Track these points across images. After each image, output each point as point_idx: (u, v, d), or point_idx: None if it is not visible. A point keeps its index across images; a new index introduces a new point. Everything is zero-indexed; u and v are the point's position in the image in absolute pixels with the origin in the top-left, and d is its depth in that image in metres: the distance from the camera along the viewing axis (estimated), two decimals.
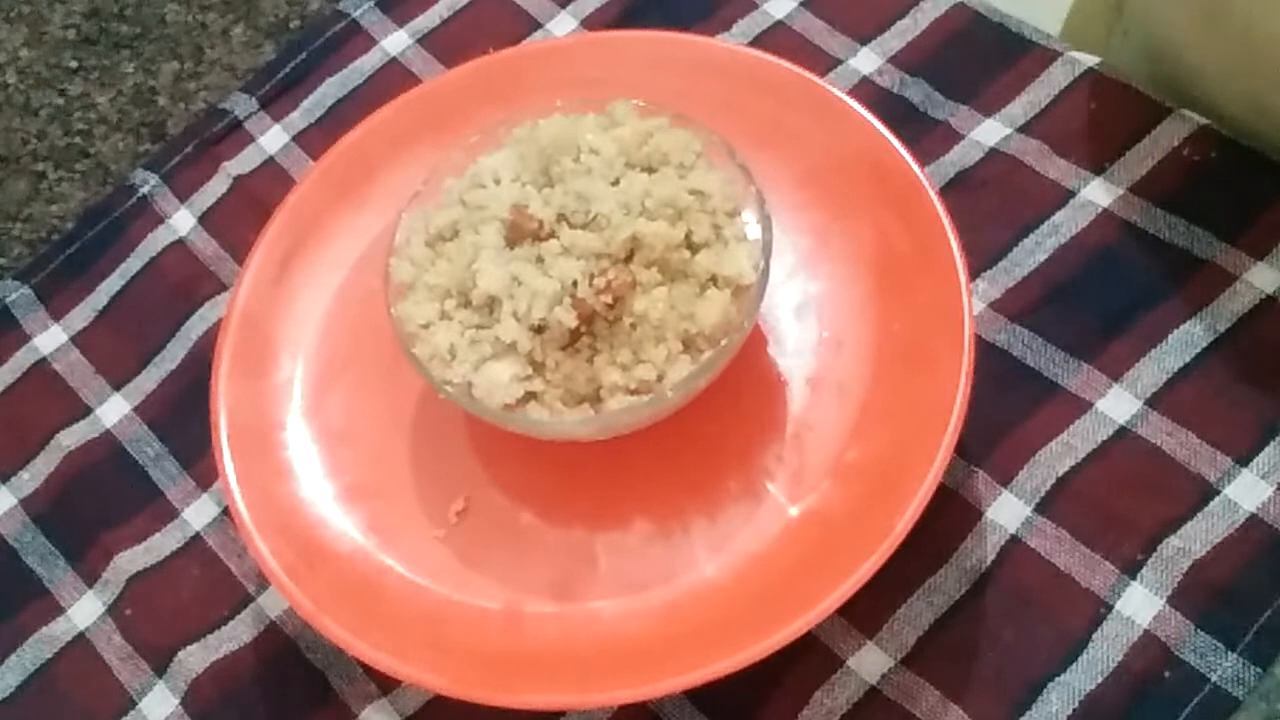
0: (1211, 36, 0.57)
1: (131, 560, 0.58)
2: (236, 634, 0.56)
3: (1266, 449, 0.51)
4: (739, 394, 0.53)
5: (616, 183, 0.51)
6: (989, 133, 0.61)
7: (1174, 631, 0.49)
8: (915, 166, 0.54)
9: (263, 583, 0.56)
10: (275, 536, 0.52)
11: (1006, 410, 0.54)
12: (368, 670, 0.53)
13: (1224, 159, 0.58)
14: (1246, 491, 0.51)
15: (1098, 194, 0.58)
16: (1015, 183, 0.59)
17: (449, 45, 0.69)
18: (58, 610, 0.58)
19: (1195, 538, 0.50)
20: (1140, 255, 0.57)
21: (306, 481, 0.54)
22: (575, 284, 0.48)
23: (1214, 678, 0.48)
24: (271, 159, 0.68)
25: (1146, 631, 0.49)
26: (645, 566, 0.51)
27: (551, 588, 0.51)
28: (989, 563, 0.51)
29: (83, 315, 0.66)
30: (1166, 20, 0.60)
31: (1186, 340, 0.54)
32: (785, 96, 0.58)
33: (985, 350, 0.55)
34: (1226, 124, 0.58)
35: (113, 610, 0.57)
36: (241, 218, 0.65)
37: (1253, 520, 0.50)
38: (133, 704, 0.55)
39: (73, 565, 0.59)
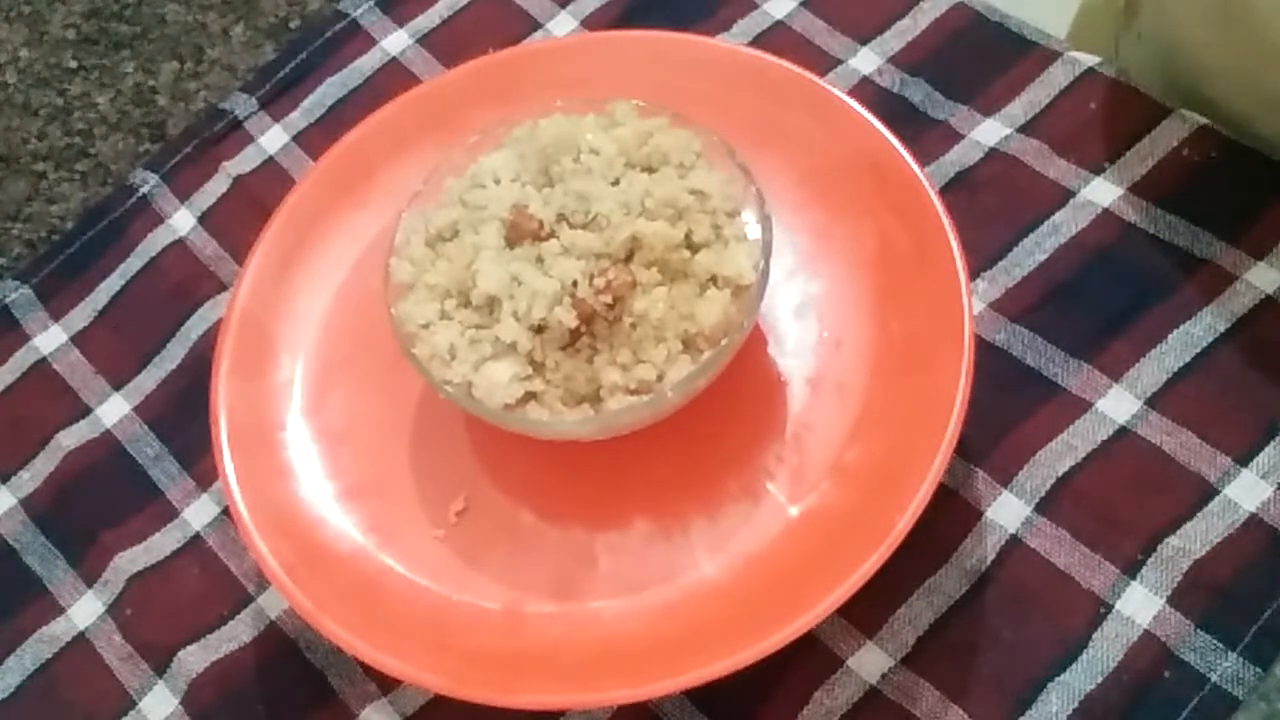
0: (1228, 37, 0.57)
1: (131, 560, 0.58)
2: (236, 634, 0.56)
3: (1266, 449, 0.51)
4: (739, 394, 0.53)
5: (616, 183, 0.51)
6: (989, 133, 0.61)
7: (1174, 631, 0.49)
8: (915, 166, 0.54)
9: (263, 583, 0.56)
10: (275, 536, 0.52)
11: (1006, 410, 0.54)
12: (368, 670, 0.53)
13: (1224, 159, 0.58)
14: (1246, 491, 0.51)
15: (1098, 194, 0.58)
16: (1015, 183, 0.59)
17: (449, 45, 0.69)
18: (58, 610, 0.58)
19: (1195, 538, 0.50)
20: (1140, 255, 0.57)
21: (306, 481, 0.54)
22: (575, 284, 0.48)
23: (1214, 678, 0.48)
24: (271, 159, 0.68)
25: (1146, 631, 0.49)
26: (645, 566, 0.51)
27: (551, 588, 0.51)
28: (989, 563, 0.51)
29: (83, 315, 0.66)
30: (1182, 22, 0.60)
31: (1186, 340, 0.54)
32: (785, 96, 0.58)
33: (985, 350, 0.55)
34: (1240, 125, 0.58)
35: (113, 610, 0.57)
36: (241, 218, 0.65)
37: (1253, 520, 0.50)
38: (133, 704, 0.55)
39: (73, 565, 0.59)
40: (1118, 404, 0.53)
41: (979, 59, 0.63)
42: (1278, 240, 0.55)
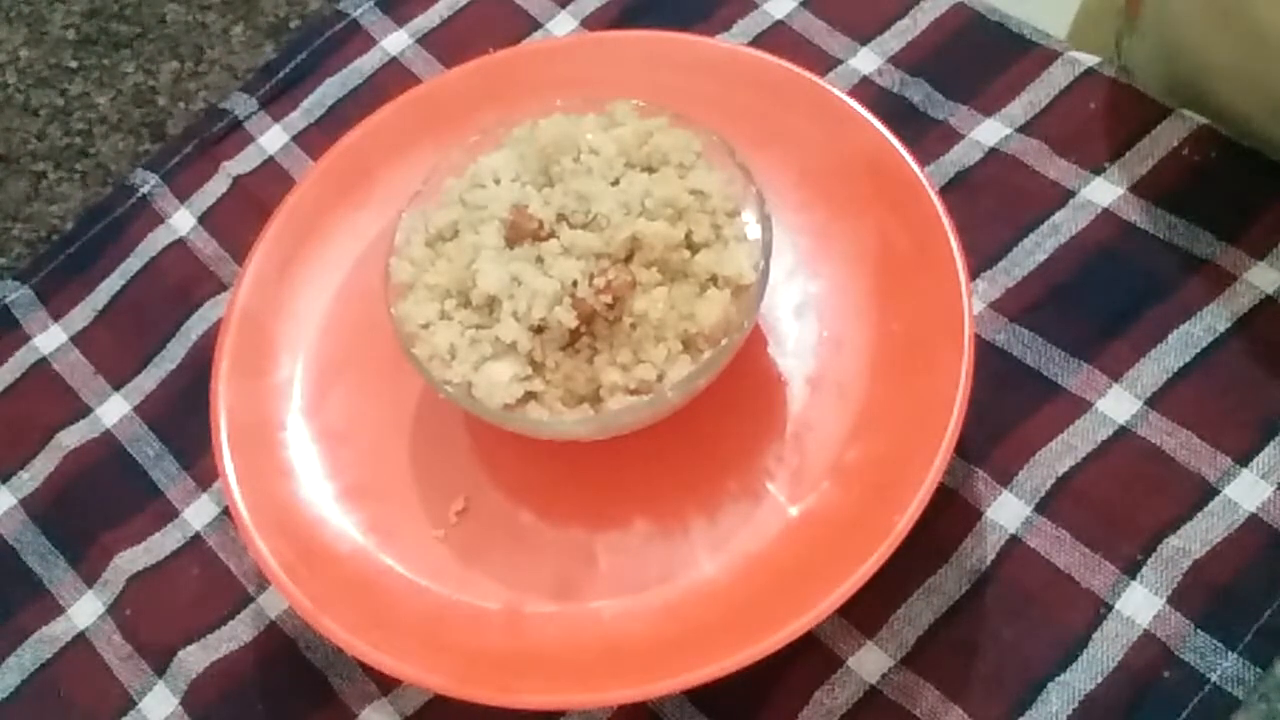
0: (1227, 36, 0.57)
1: (131, 560, 0.58)
2: (236, 634, 0.56)
3: (1266, 449, 0.51)
4: (739, 394, 0.53)
5: (616, 183, 0.51)
6: (989, 133, 0.61)
7: (1174, 631, 0.49)
8: (915, 166, 0.54)
9: (263, 583, 0.56)
10: (275, 536, 0.52)
11: (1006, 410, 0.54)
12: (368, 670, 0.53)
13: (1224, 159, 0.58)
14: (1246, 491, 0.51)
15: (1098, 194, 0.58)
16: (1015, 183, 0.59)
17: (449, 45, 0.69)
18: (58, 610, 0.58)
19: (1195, 538, 0.50)
20: (1140, 255, 0.57)
21: (306, 481, 0.54)
22: (575, 284, 0.48)
23: (1214, 678, 0.48)
24: (271, 159, 0.68)
25: (1146, 631, 0.49)
26: (645, 566, 0.51)
27: (551, 588, 0.51)
28: (989, 563, 0.51)
29: (83, 315, 0.66)
30: (1182, 21, 0.60)
31: (1186, 340, 0.54)
32: (785, 96, 0.58)
33: (985, 350, 0.55)
34: (1242, 125, 0.58)
35: (113, 610, 0.57)
36: (241, 218, 0.65)
37: (1253, 520, 0.50)
38: (133, 704, 0.55)
39: (73, 565, 0.59)
40: (1118, 404, 0.53)
41: (979, 59, 0.63)
42: (1278, 240, 0.55)
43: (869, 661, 0.50)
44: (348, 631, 0.49)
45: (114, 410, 0.62)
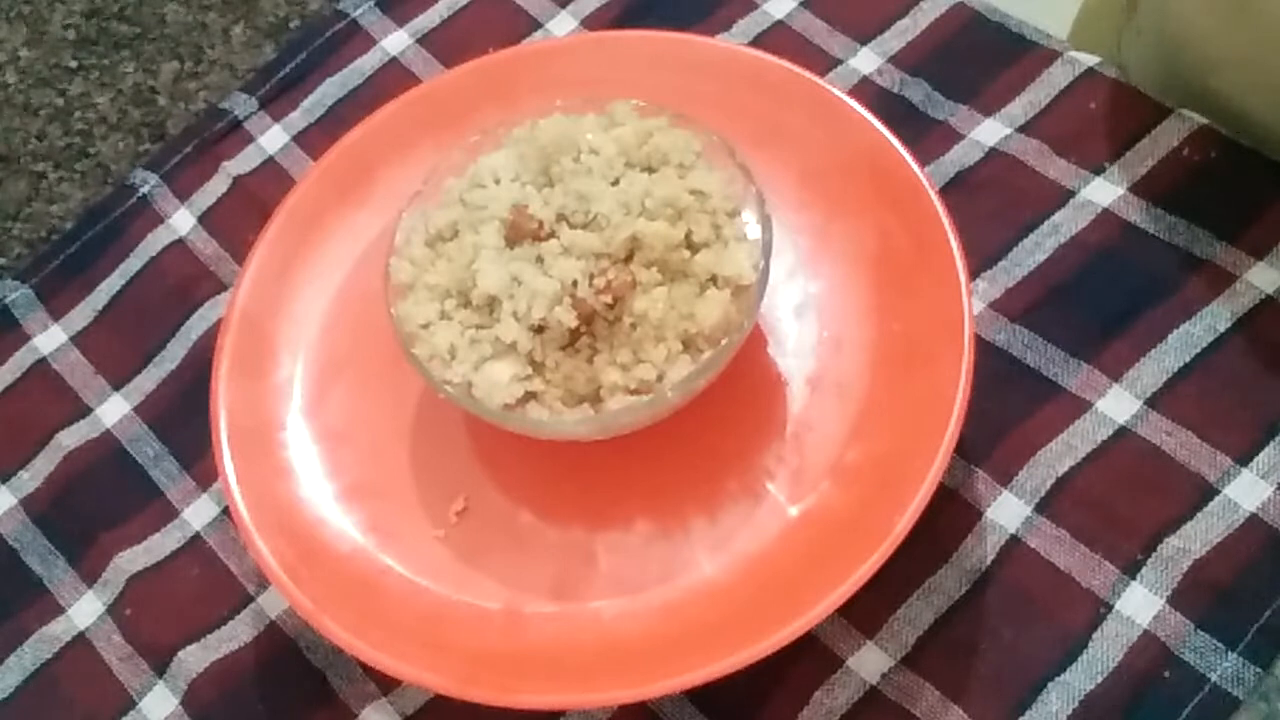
0: (1235, 27, 0.57)
1: (131, 560, 0.58)
2: (236, 634, 0.56)
3: (1266, 449, 0.51)
4: (739, 394, 0.53)
5: (616, 183, 0.51)
6: (989, 133, 0.61)
7: (1174, 631, 0.49)
8: (915, 166, 0.54)
9: (263, 583, 0.56)
10: (275, 536, 0.52)
11: (1006, 410, 0.54)
12: (368, 670, 0.53)
13: (1224, 159, 0.58)
14: (1246, 491, 0.51)
15: (1098, 194, 0.58)
16: (1015, 183, 0.59)
17: (449, 45, 0.69)
18: (58, 610, 0.58)
19: (1195, 538, 0.50)
20: (1140, 255, 0.57)
21: (306, 481, 0.54)
22: (575, 284, 0.48)
23: (1214, 678, 0.48)
24: (271, 159, 0.68)
25: (1146, 631, 0.49)
26: (645, 566, 0.51)
27: (551, 588, 0.51)
28: (989, 563, 0.51)
29: (83, 315, 0.66)
30: (1184, 14, 0.60)
31: (1186, 340, 0.54)
32: (785, 96, 0.58)
33: (985, 350, 0.55)
34: (1244, 118, 0.58)
35: (113, 610, 0.57)
36: (241, 218, 0.65)
37: (1253, 520, 0.50)
38: (133, 704, 0.55)
39: (73, 565, 0.59)
40: (1118, 404, 0.53)
41: (979, 59, 0.63)
42: (1278, 240, 0.55)
43: (869, 661, 0.50)
44: (348, 631, 0.49)
45: (114, 410, 0.62)
